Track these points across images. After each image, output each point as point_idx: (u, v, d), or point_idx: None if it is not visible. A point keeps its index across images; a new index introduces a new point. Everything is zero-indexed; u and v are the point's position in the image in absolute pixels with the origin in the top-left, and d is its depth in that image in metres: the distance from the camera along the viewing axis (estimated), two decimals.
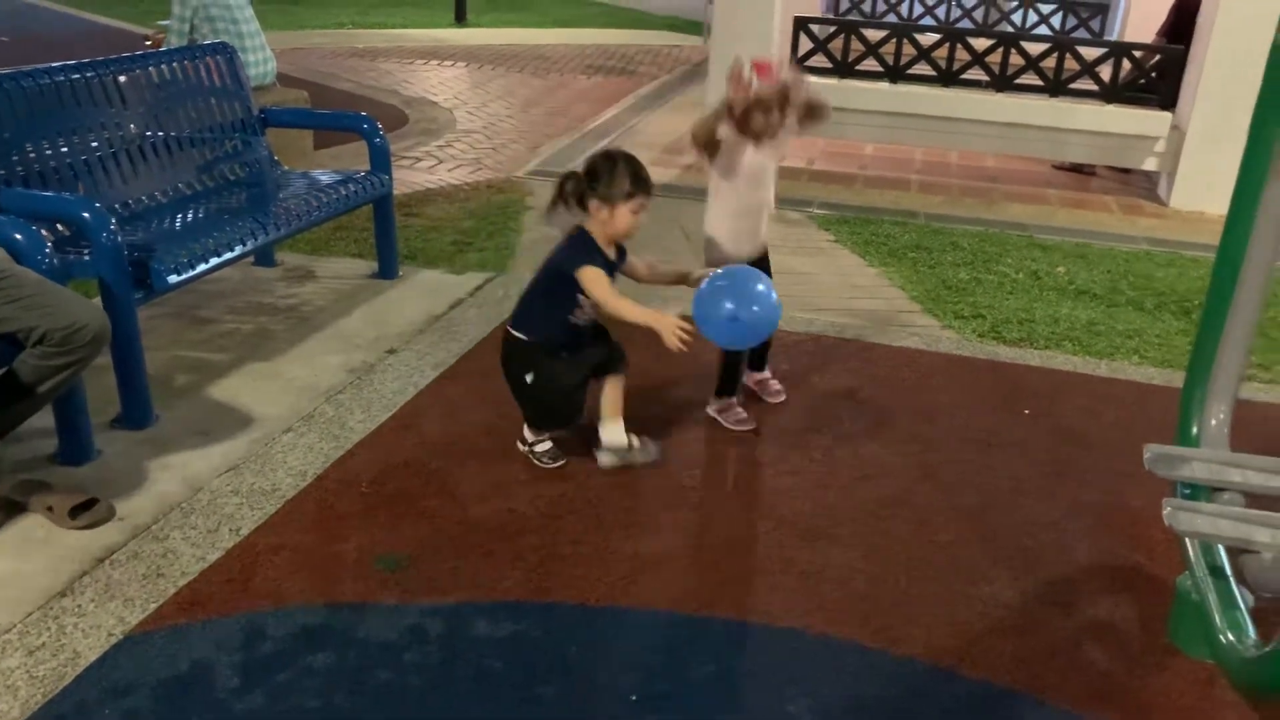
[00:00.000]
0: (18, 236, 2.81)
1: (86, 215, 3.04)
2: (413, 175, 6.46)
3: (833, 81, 7.00)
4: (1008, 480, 3.18)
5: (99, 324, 2.72)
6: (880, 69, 7.02)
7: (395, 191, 4.73)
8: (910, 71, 7.01)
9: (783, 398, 3.61)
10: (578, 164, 2.82)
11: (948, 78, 6.96)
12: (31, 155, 3.40)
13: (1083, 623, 2.52)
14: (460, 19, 15.18)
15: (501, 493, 2.96)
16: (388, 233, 4.59)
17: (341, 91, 9.18)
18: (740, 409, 3.44)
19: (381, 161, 4.46)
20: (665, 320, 2.82)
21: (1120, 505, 3.05)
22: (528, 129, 8.08)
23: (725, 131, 3.11)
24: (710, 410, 3.44)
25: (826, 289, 4.80)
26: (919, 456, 3.29)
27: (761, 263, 3.37)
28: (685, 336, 2.79)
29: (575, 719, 2.16)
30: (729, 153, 3.16)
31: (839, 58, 7.07)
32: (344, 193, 4.20)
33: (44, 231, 3.00)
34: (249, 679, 2.19)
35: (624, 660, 2.35)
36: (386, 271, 4.61)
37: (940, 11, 10.36)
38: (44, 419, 2.92)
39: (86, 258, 3.11)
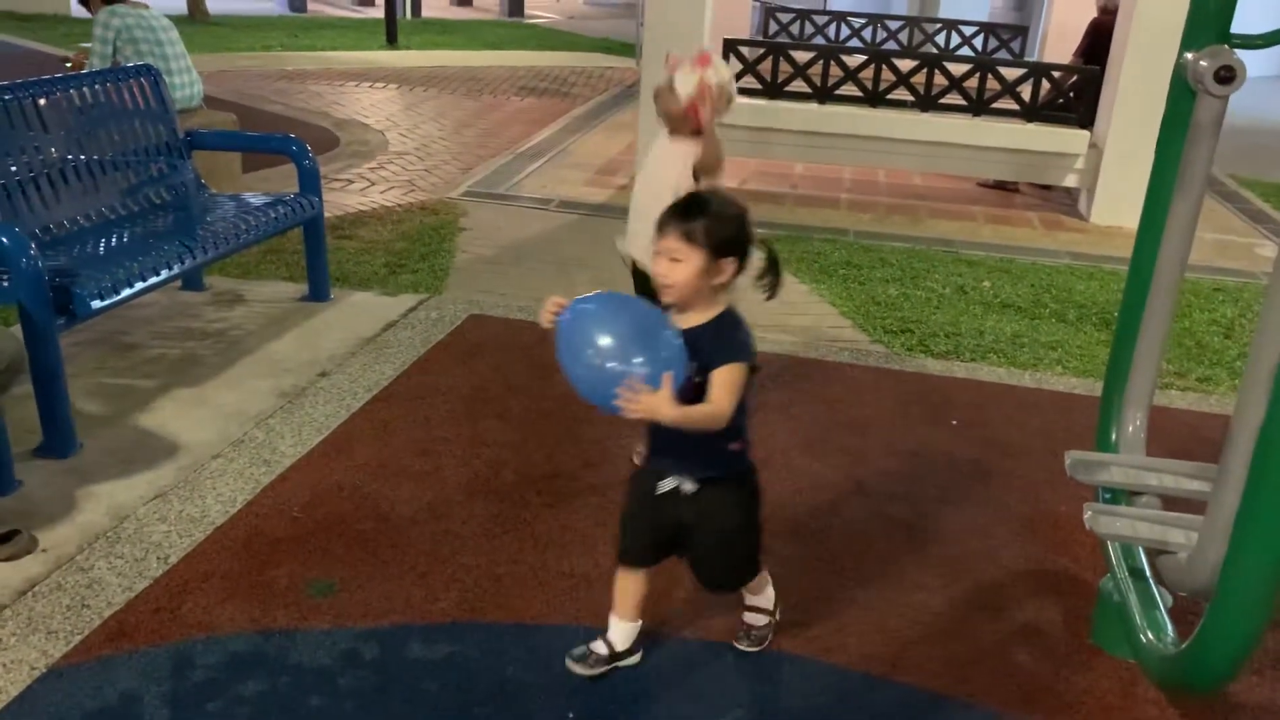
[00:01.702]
0: None
1: (4, 240, 2.97)
2: (344, 197, 6.41)
3: (762, 102, 7.11)
4: (936, 489, 3.24)
5: (12, 351, 2.67)
6: (809, 90, 7.14)
7: (327, 214, 4.70)
8: (838, 92, 7.15)
9: None
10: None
11: (874, 98, 7.10)
12: None
13: (1010, 626, 2.58)
14: (391, 40, 15.12)
15: (436, 514, 2.95)
16: (318, 255, 4.55)
17: (270, 114, 9.08)
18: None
19: (311, 184, 4.42)
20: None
21: (1045, 511, 3.13)
22: (461, 150, 8.07)
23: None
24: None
25: (758, 305, 4.83)
26: (850, 469, 3.34)
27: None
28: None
29: None
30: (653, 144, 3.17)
31: (768, 79, 7.18)
32: (273, 215, 4.16)
33: None
34: (179, 710, 2.15)
35: (560, 680, 2.34)
36: (318, 294, 4.57)
37: (866, 34, 10.58)
38: None
39: (5, 284, 3.04)
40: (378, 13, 17.91)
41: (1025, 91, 6.96)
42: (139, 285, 3.37)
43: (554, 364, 3.43)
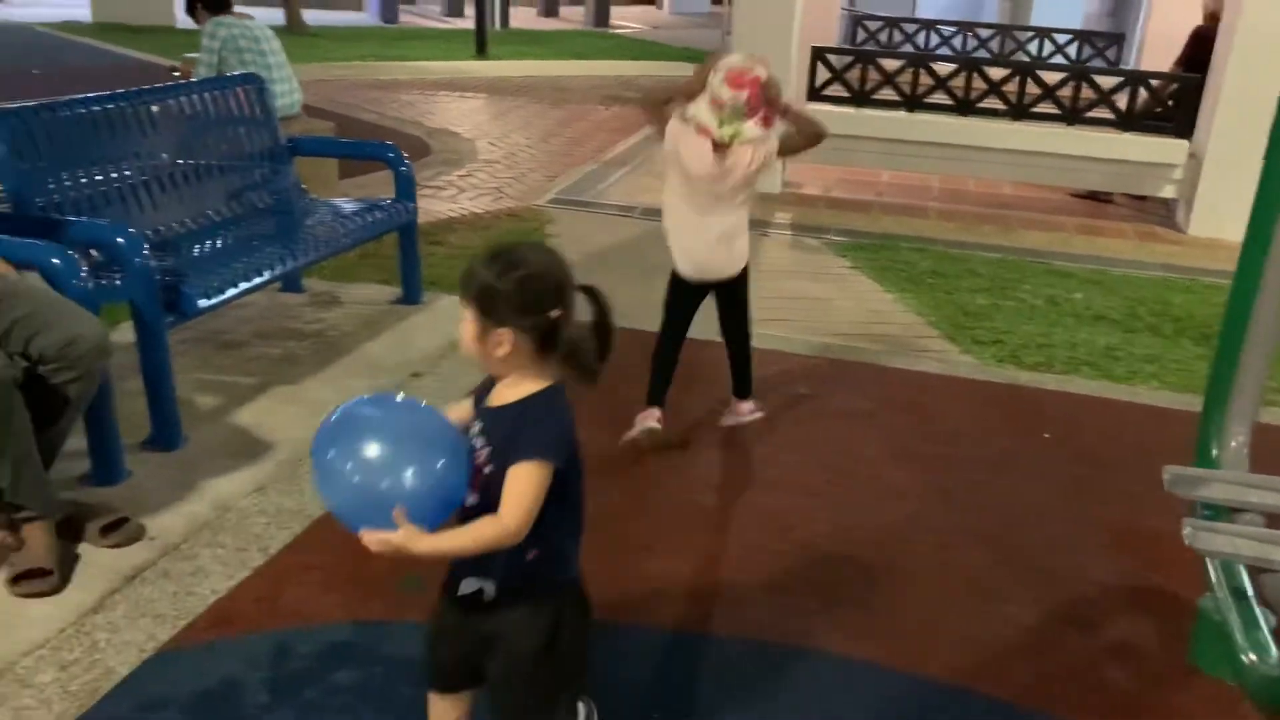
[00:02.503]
0: (54, 260, 2.88)
1: (120, 240, 3.12)
2: (435, 204, 6.55)
3: (850, 110, 7.07)
4: (1027, 502, 3.19)
5: (95, 337, 2.72)
6: (897, 98, 7.08)
7: (418, 220, 4.80)
8: (927, 100, 7.08)
9: (754, 416, 3.58)
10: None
11: (964, 106, 7.02)
12: (67, 183, 3.48)
13: (1102, 643, 2.52)
14: (481, 50, 15.38)
15: None
16: (412, 259, 4.66)
17: (365, 122, 9.31)
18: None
19: (406, 189, 4.54)
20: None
21: (1140, 527, 3.06)
22: (547, 158, 8.18)
23: (675, 109, 3.13)
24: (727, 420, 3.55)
25: (843, 314, 4.83)
26: (938, 479, 3.31)
27: (728, 291, 3.34)
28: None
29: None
30: (674, 134, 3.14)
31: (856, 87, 7.14)
32: (369, 220, 4.28)
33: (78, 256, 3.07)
34: (278, 695, 2.23)
35: (642, 679, 2.37)
36: (410, 297, 4.68)
37: (956, 41, 10.45)
38: (77, 441, 2.97)
39: (118, 283, 3.18)
40: (468, 23, 18.22)
41: (1121, 100, 6.81)
42: (243, 286, 3.50)
43: (631, 367, 3.47)
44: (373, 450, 1.56)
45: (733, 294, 3.35)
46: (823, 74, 7.17)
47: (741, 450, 3.42)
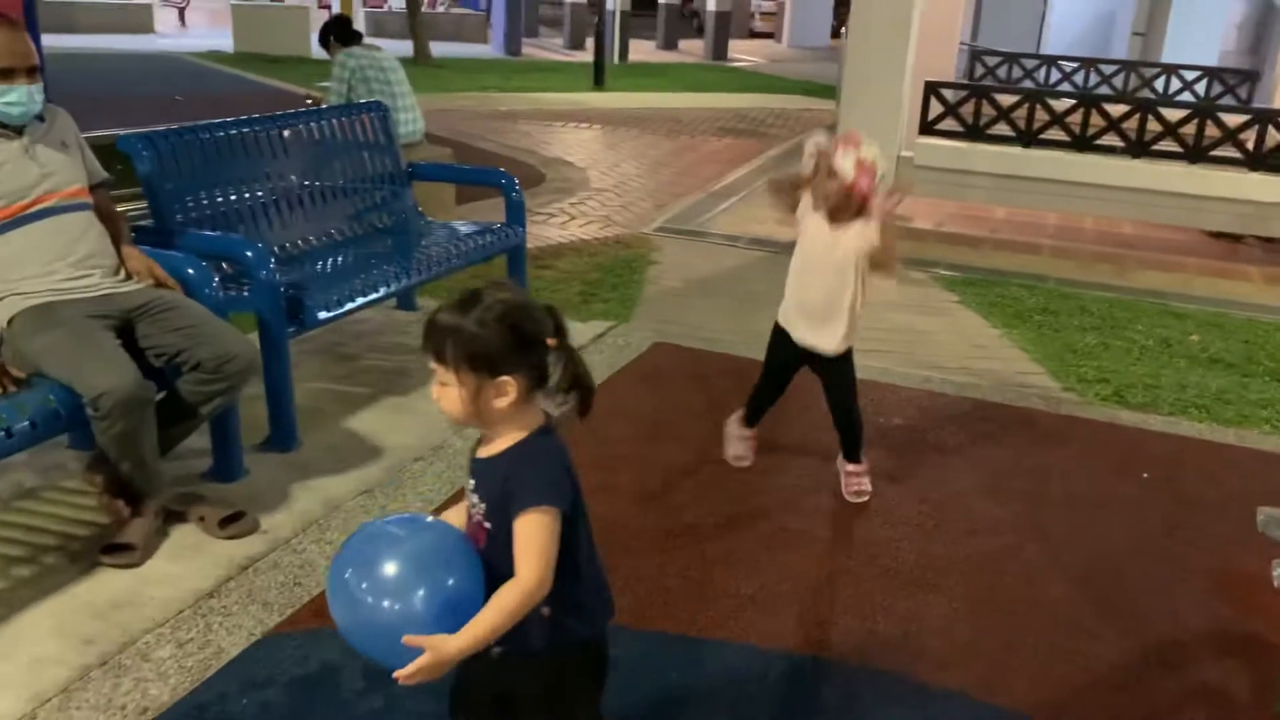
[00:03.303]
0: (190, 271, 3.12)
1: (249, 254, 3.34)
2: (546, 230, 6.75)
3: (962, 145, 7.04)
4: (1120, 541, 3.14)
5: (249, 356, 2.99)
6: (1012, 133, 7.01)
7: (529, 245, 4.97)
8: (1043, 136, 6.98)
9: (855, 498, 3.31)
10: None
11: (1082, 143, 6.91)
12: (204, 200, 3.75)
13: (1188, 685, 2.48)
14: (599, 83, 15.73)
15: (611, 526, 3.08)
16: (519, 282, 4.82)
17: (483, 150, 9.64)
18: (736, 441, 3.49)
19: (516, 214, 4.71)
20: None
21: (1236, 572, 2.98)
22: (656, 188, 8.34)
23: (802, 194, 3.16)
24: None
25: (946, 348, 4.81)
26: (1030, 514, 3.28)
27: (826, 368, 3.24)
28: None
29: None
30: (802, 215, 3.17)
31: (970, 122, 7.10)
32: (481, 242, 4.47)
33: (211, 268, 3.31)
34: (371, 682, 2.36)
35: (721, 692, 2.42)
36: None
37: (1079, 78, 10.25)
38: (200, 440, 3.19)
39: (246, 294, 3.42)
40: (587, 56, 18.66)
41: (1249, 139, 6.60)
42: (360, 300, 3.70)
43: (731, 391, 3.54)
44: (386, 600, 1.52)
45: (831, 372, 3.26)
46: (935, 108, 7.15)
47: (829, 476, 3.45)
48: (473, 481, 1.62)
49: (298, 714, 2.28)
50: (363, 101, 5.20)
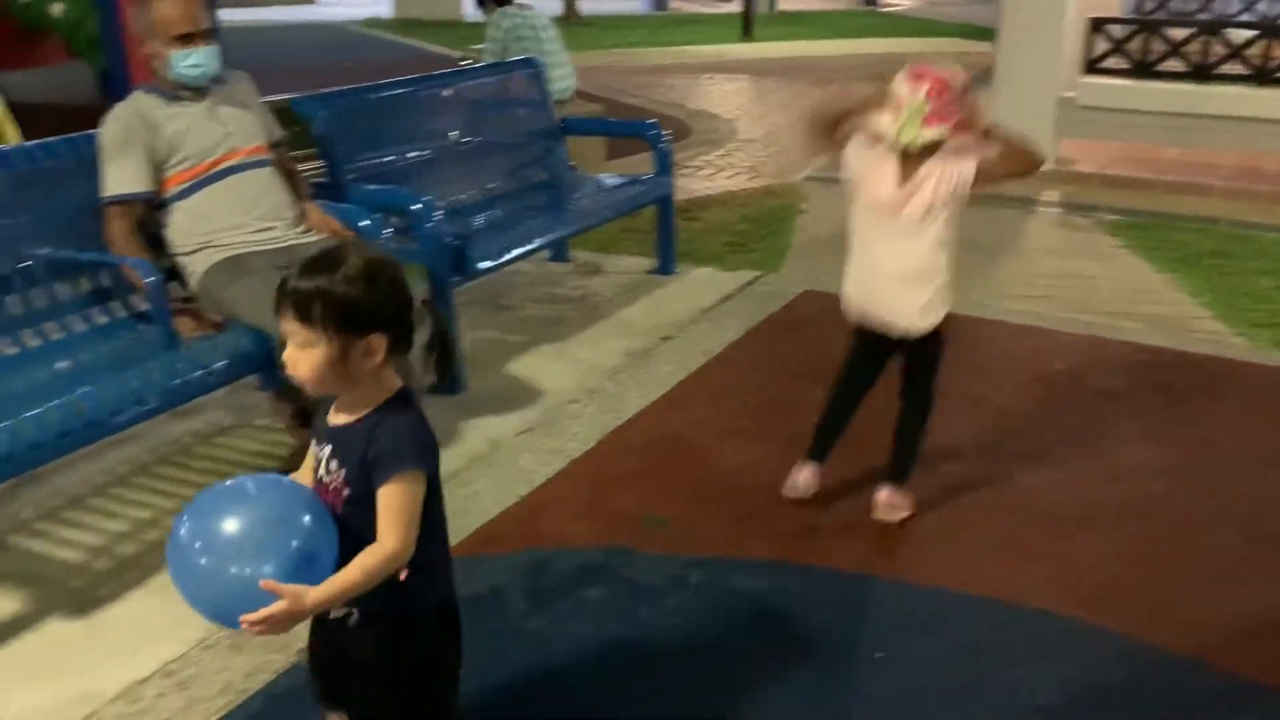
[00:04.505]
0: (363, 223, 3.33)
1: (417, 207, 3.54)
2: (693, 182, 6.80)
3: (1128, 83, 6.71)
4: None
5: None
6: (1184, 69, 6.64)
7: (676, 197, 5.04)
8: (1219, 71, 6.59)
9: (886, 517, 2.87)
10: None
11: (1262, 76, 6.48)
12: (372, 158, 3.97)
13: None
14: (747, 33, 15.57)
15: (762, 468, 3.16)
16: (667, 232, 4.92)
17: (630, 105, 9.73)
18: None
19: (664, 165, 4.79)
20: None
21: None
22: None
23: (853, 129, 2.60)
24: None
25: (1108, 293, 4.66)
26: (1192, 461, 3.18)
27: (913, 350, 2.75)
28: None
29: (822, 665, 2.32)
30: (854, 158, 2.63)
31: (1137, 58, 6.76)
32: (630, 194, 4.57)
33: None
34: (535, 603, 2.52)
35: (871, 624, 2.48)
36: (665, 268, 4.94)
37: (1262, 6, 9.57)
38: None
39: (413, 247, 3.61)
40: (735, 7, 18.47)
41: None
42: (518, 251, 3.87)
43: None
44: (228, 541, 1.46)
45: (918, 354, 2.76)
46: (1100, 45, 6.83)
47: (986, 421, 3.43)
48: (328, 448, 1.56)
49: (468, 632, 2.43)
50: (517, 59, 5.34)
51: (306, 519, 1.50)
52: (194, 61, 3.04)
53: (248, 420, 3.49)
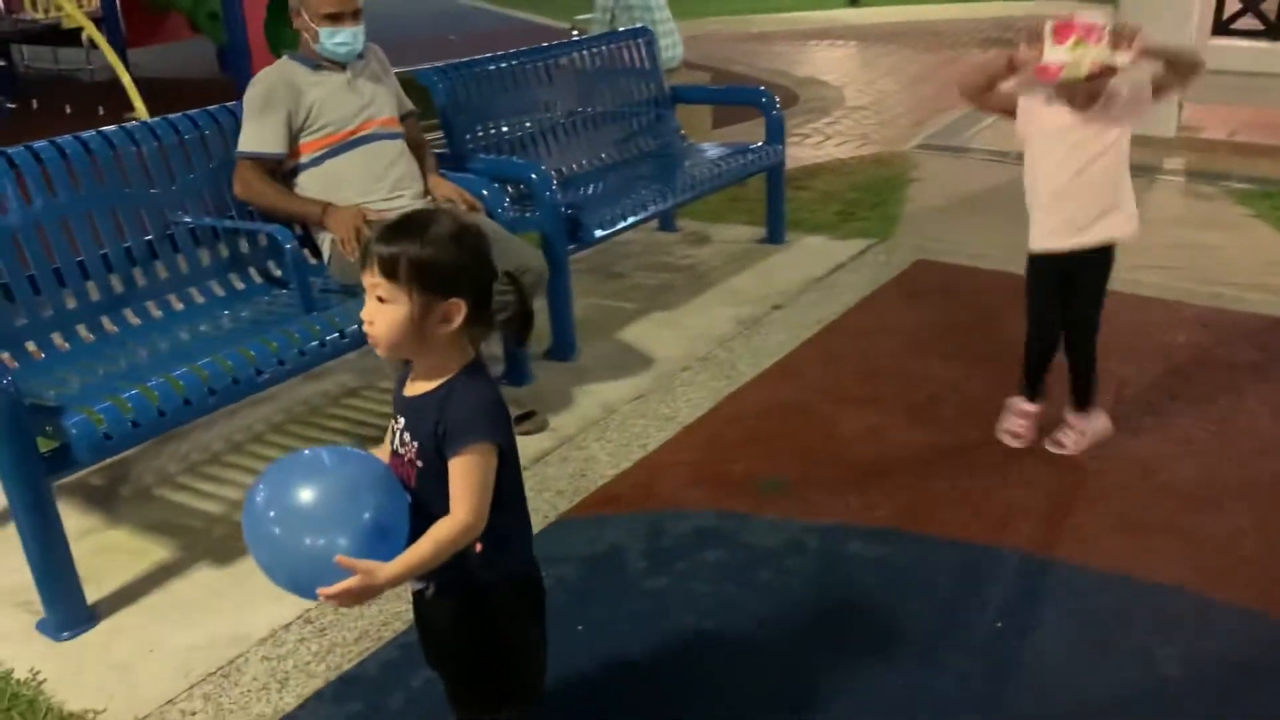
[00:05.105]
0: (484, 192, 3.41)
1: (534, 176, 3.61)
2: (801, 151, 6.74)
3: (1264, 44, 6.40)
4: None
5: (541, 268, 3.25)
6: None
7: (784, 165, 5.01)
8: None
9: (1065, 450, 3.01)
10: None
11: None
12: (491, 129, 4.05)
13: None
14: (854, 0, 15.26)
15: (877, 436, 3.16)
16: (777, 200, 4.90)
17: (737, 74, 9.65)
18: (1014, 417, 3.06)
19: (776, 132, 4.76)
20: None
21: None
22: (915, 104, 8.10)
23: (1013, 85, 2.72)
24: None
25: (1237, 263, 4.48)
26: None
27: (1090, 267, 2.86)
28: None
29: (941, 633, 2.32)
30: (1025, 110, 2.77)
31: (1272, 18, 6.43)
32: (740, 162, 4.56)
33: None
34: (654, 563, 2.58)
35: (991, 594, 2.46)
36: (774, 237, 4.92)
37: None
38: (493, 348, 3.50)
39: (528, 215, 3.68)
40: None
41: None
42: (631, 219, 3.90)
43: (999, 308, 3.47)
44: (303, 513, 1.47)
45: (1093, 272, 2.87)
46: (1232, 5, 6.52)
47: (1109, 393, 3.34)
48: (402, 420, 1.57)
49: (589, 589, 2.52)
50: (626, 29, 5.36)
51: (379, 491, 1.50)
52: (341, 40, 3.16)
53: (372, 383, 3.62)
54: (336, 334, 2.86)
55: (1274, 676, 2.18)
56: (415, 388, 1.57)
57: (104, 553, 2.71)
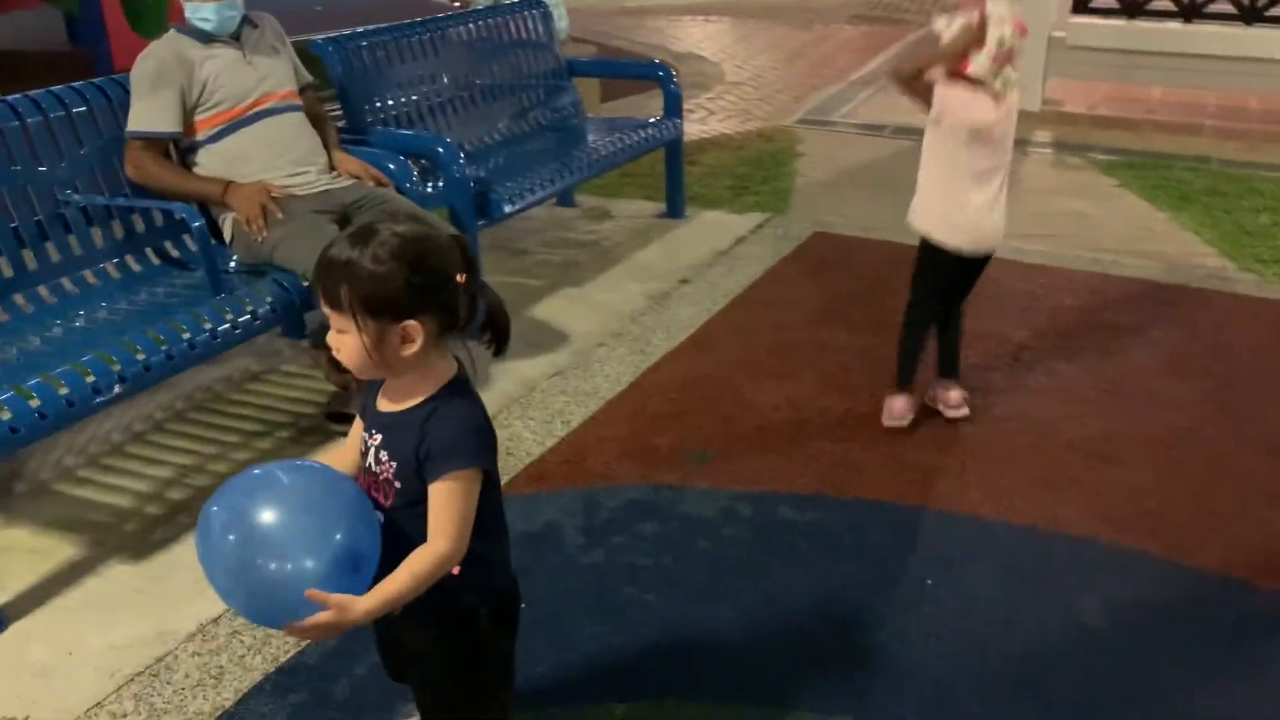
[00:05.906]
0: (390, 166, 3.31)
1: (440, 150, 3.52)
2: (687, 125, 6.64)
3: (1120, 23, 6.74)
4: None
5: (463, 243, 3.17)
6: (1174, 7, 6.68)
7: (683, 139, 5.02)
8: (1207, 10, 6.63)
9: (963, 412, 3.11)
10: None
11: (1250, 15, 6.53)
12: (389, 101, 3.92)
13: None
14: None
15: (793, 405, 3.22)
16: (677, 175, 4.91)
17: (616, 48, 9.62)
18: (898, 402, 3.08)
19: (674, 107, 4.78)
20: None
21: None
22: (794, 80, 8.23)
23: (941, 75, 2.76)
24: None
25: (1112, 231, 4.72)
26: (1215, 393, 3.27)
27: (983, 263, 2.97)
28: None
29: (877, 592, 2.40)
30: (950, 98, 2.77)
31: None
32: (642, 136, 4.56)
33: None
34: (591, 538, 2.57)
35: (920, 552, 2.55)
36: (675, 211, 4.94)
37: None
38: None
39: (435, 188, 3.59)
40: None
41: None
42: (540, 194, 3.86)
43: (894, 277, 3.56)
44: (268, 539, 1.36)
45: (981, 264, 2.99)
46: None
47: (1006, 358, 3.49)
48: (379, 436, 1.46)
49: (528, 567, 2.47)
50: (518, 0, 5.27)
51: (350, 515, 1.41)
52: (205, 15, 3.00)
53: (274, 366, 3.49)
54: (247, 315, 2.75)
55: (1186, 619, 2.32)
56: (392, 403, 1.47)
57: (3, 553, 2.54)
